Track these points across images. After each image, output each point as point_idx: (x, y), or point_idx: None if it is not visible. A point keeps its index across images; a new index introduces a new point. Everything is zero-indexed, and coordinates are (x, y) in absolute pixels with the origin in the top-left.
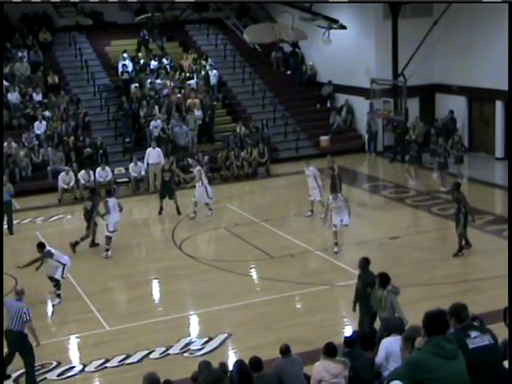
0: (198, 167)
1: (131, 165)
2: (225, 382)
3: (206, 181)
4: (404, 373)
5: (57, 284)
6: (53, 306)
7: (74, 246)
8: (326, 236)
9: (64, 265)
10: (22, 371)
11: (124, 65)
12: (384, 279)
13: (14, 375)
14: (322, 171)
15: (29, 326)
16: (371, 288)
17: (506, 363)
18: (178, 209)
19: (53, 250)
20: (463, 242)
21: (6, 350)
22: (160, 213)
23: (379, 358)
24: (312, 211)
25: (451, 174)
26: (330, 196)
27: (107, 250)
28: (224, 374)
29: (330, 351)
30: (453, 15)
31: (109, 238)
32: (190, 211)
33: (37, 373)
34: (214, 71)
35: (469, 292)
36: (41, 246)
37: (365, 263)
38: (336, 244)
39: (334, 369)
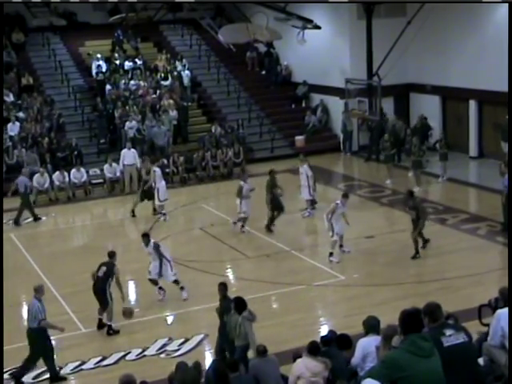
0: (154, 168)
1: (106, 166)
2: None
3: (158, 183)
4: (380, 371)
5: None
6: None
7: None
8: (301, 235)
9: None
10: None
11: (99, 65)
12: (239, 304)
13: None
14: (295, 171)
15: (44, 323)
16: (227, 315)
17: (480, 360)
18: (155, 209)
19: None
20: (420, 243)
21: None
22: (134, 215)
23: (356, 358)
24: (307, 209)
25: (428, 173)
26: (340, 200)
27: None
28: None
29: (313, 349)
30: (426, 15)
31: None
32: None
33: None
34: (187, 72)
35: (444, 290)
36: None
37: (223, 289)
38: (332, 254)
39: (315, 367)
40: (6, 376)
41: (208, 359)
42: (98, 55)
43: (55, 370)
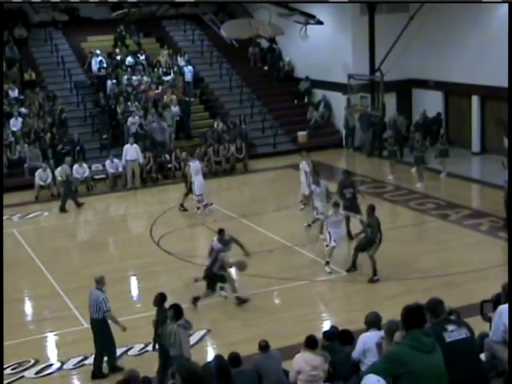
0: (189, 163)
1: (108, 161)
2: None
3: (194, 177)
4: (382, 366)
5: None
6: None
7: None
8: (304, 231)
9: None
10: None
11: (100, 61)
12: (177, 311)
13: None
14: (296, 166)
15: (109, 316)
16: (162, 326)
17: (482, 356)
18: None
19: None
20: (352, 264)
21: None
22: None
23: (356, 352)
24: (304, 204)
25: (430, 168)
26: (331, 210)
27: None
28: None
29: (311, 343)
30: (428, 11)
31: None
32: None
33: (14, 371)
34: (189, 67)
35: (446, 286)
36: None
37: (160, 299)
38: (328, 263)
39: (314, 361)
40: (8, 371)
41: (210, 355)
42: (98, 51)
43: (114, 363)
